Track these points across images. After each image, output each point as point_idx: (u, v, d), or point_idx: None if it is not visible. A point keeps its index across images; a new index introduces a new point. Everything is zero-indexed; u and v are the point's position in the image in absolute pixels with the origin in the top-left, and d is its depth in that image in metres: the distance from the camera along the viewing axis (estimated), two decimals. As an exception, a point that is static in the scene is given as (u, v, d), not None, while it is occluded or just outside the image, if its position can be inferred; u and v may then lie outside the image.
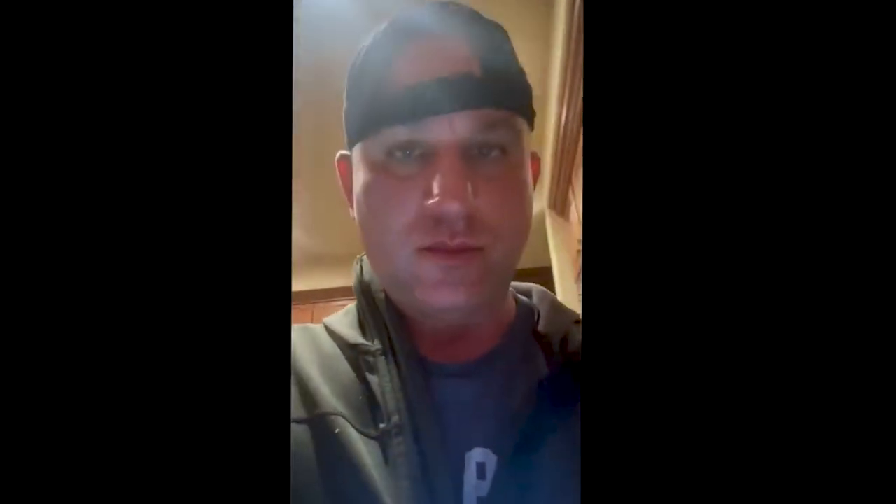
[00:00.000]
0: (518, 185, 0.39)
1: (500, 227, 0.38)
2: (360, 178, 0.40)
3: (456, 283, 0.36)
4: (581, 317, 0.45)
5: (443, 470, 0.35)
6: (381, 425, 0.37)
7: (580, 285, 2.53)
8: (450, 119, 0.36)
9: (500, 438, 0.37)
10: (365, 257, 0.48)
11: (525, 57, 0.41)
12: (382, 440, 0.37)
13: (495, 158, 0.38)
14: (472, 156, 0.37)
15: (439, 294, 0.37)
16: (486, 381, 0.41)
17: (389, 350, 0.41)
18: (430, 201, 0.35)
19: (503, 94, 0.38)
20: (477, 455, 0.37)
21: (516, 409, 0.38)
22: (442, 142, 0.36)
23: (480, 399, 0.40)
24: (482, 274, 0.37)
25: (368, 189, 0.39)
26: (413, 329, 0.43)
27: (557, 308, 0.48)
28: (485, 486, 0.36)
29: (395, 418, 0.37)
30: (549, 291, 0.50)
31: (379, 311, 0.44)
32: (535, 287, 0.51)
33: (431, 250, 0.36)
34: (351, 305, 0.48)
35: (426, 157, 0.37)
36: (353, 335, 0.44)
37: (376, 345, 0.42)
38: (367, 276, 0.46)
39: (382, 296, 0.44)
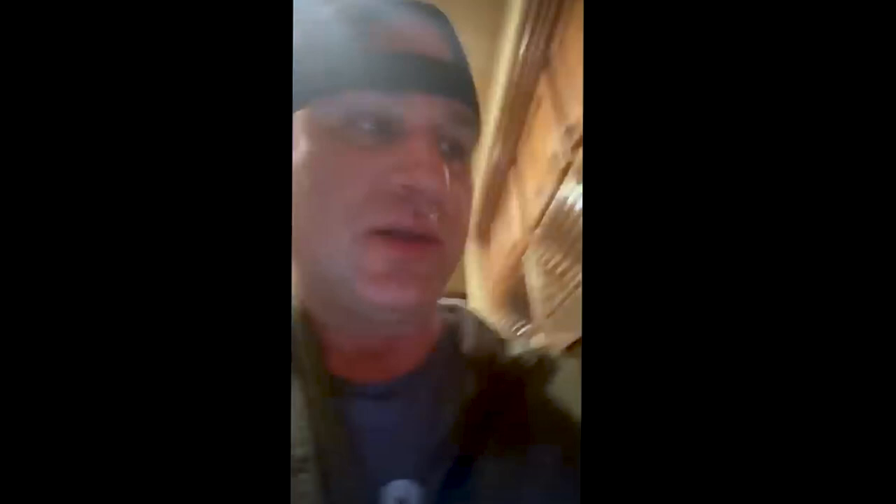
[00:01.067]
0: (471, 190, 0.37)
1: (458, 225, 0.35)
2: (300, 145, 0.34)
3: (407, 277, 0.32)
4: (501, 335, 0.44)
5: None
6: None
7: (499, 314, 2.57)
8: (430, 101, 0.33)
9: (426, 469, 0.33)
10: None
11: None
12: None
13: (457, 157, 0.36)
14: (440, 147, 0.34)
15: (385, 288, 0.32)
16: (410, 403, 0.36)
17: (298, 368, 0.36)
18: (402, 173, 0.31)
19: (470, 91, 0.36)
20: (396, 489, 0.33)
21: (444, 436, 0.34)
22: (418, 121, 0.33)
23: (403, 424, 0.35)
24: (436, 271, 0.34)
25: (313, 158, 0.33)
26: (325, 342, 0.38)
27: (483, 326, 0.44)
28: None
29: (298, 450, 0.32)
30: (472, 309, 0.47)
31: None
32: (458, 303, 0.47)
33: (384, 236, 0.32)
34: None
35: (397, 134, 0.33)
36: None
37: None
38: None
39: (293, 303, 0.39)
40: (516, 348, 0.42)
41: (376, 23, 0.34)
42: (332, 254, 0.33)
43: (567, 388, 0.38)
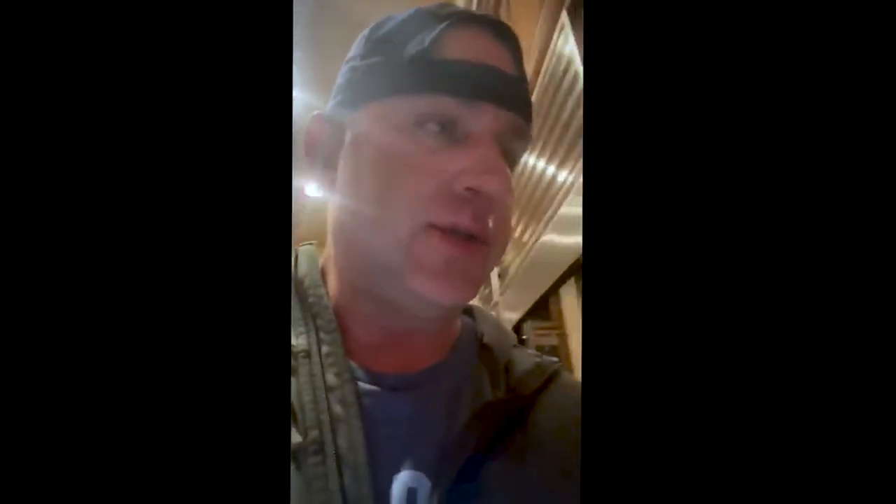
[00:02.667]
0: (513, 196, 0.38)
1: (504, 231, 0.37)
2: (366, 138, 0.36)
3: (456, 275, 0.34)
4: (517, 338, 0.46)
5: (366, 496, 0.31)
6: (297, 440, 0.32)
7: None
8: (497, 113, 0.35)
9: (438, 463, 0.33)
10: (301, 249, 0.43)
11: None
12: (297, 457, 0.32)
13: (509, 167, 0.37)
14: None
15: (434, 282, 0.33)
16: (427, 397, 0.37)
17: (317, 352, 0.36)
18: (469, 177, 0.33)
19: (528, 108, 0.38)
20: (407, 479, 0.33)
21: (459, 433, 0.35)
22: (485, 130, 0.35)
23: (419, 418, 0.36)
24: (480, 273, 0.36)
25: (377, 151, 0.35)
26: (347, 331, 0.38)
27: (500, 329, 0.46)
28: None
29: (313, 433, 0.32)
30: (489, 313, 0.49)
31: (308, 307, 0.39)
32: (475, 305, 0.48)
33: (442, 232, 0.33)
34: None
35: (462, 139, 0.35)
36: None
37: (300, 344, 0.36)
38: (301, 271, 0.41)
39: (321, 291, 0.39)
40: (532, 357, 0.43)
41: (451, 32, 0.35)
42: (387, 243, 0.34)
43: (577, 404, 0.39)
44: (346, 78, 0.39)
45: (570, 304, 1.47)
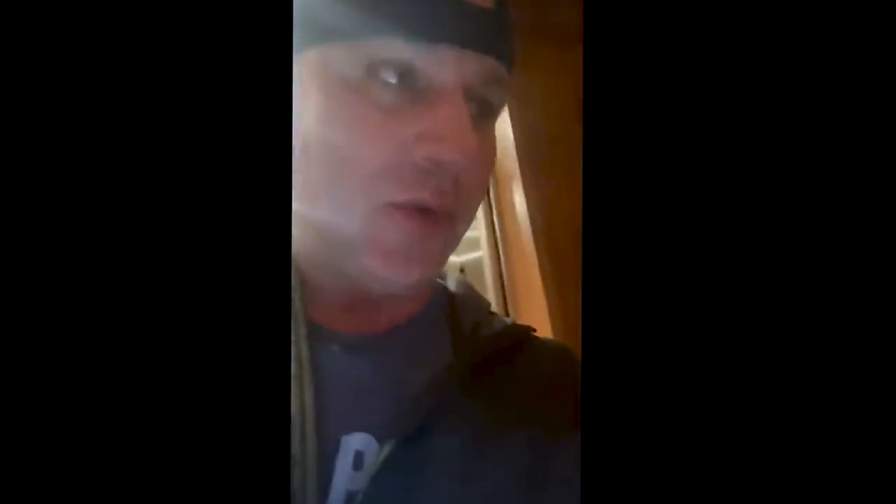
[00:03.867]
0: (494, 151, 0.34)
1: (473, 199, 0.34)
2: (312, 95, 0.30)
3: (416, 254, 0.31)
4: (491, 305, 0.44)
5: (311, 455, 0.30)
6: None
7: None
8: (462, 56, 0.29)
9: (389, 426, 0.32)
10: None
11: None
12: None
13: (486, 121, 0.33)
14: (469, 109, 0.30)
15: (393, 263, 0.31)
16: (385, 359, 0.35)
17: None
18: (427, 145, 0.29)
19: (505, 45, 0.32)
20: (355, 441, 0.32)
21: (414, 396, 0.33)
22: (448, 79, 0.29)
23: (375, 378, 0.34)
24: (444, 248, 0.33)
25: (327, 113, 0.30)
26: (308, 290, 0.36)
27: (472, 293, 0.43)
28: (360, 479, 0.31)
29: None
30: (463, 278, 0.46)
31: None
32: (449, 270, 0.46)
33: (400, 210, 0.30)
34: None
35: (422, 92, 0.30)
36: None
37: None
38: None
39: None
40: (502, 322, 0.41)
41: None
42: (342, 222, 0.31)
43: (545, 369, 0.39)
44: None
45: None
